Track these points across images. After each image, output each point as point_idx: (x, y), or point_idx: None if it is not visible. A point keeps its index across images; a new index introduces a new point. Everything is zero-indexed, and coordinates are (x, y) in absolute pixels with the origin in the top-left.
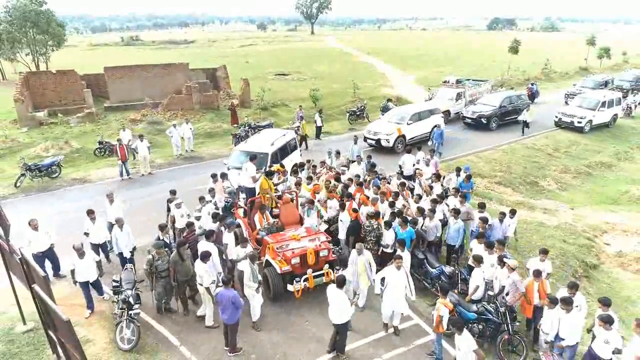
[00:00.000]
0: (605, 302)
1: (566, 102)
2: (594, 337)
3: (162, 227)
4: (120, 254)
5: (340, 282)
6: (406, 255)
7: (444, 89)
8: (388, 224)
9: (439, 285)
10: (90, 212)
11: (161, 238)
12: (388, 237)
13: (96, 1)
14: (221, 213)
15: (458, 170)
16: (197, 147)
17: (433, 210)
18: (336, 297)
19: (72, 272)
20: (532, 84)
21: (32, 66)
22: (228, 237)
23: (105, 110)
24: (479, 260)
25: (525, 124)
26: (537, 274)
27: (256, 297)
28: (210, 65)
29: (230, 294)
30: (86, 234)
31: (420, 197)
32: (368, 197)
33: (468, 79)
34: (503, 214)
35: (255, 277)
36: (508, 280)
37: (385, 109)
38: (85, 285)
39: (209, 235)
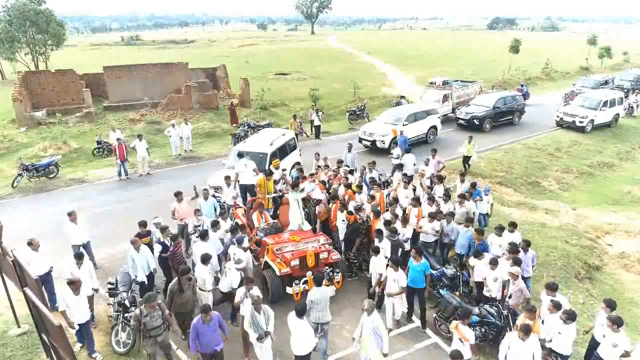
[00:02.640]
0: (610, 305)
1: (566, 102)
2: (594, 344)
3: (164, 229)
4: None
5: (300, 311)
6: (401, 276)
7: (430, 91)
8: (375, 250)
9: (461, 310)
10: (78, 257)
11: (162, 240)
12: (379, 266)
13: (97, 1)
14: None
15: (462, 175)
16: (196, 147)
17: (452, 214)
18: (297, 326)
19: (64, 313)
20: (522, 85)
21: (31, 66)
22: (242, 254)
23: (104, 110)
24: (495, 263)
25: (466, 160)
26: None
27: (262, 347)
28: (210, 65)
29: (208, 332)
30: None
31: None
32: (354, 192)
33: (456, 80)
34: (527, 242)
35: (258, 326)
36: (514, 286)
37: (398, 106)
38: (81, 326)
39: (203, 235)
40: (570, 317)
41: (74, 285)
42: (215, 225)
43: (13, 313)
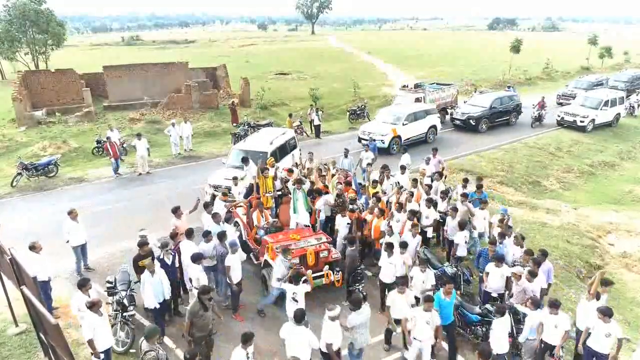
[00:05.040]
0: (605, 282)
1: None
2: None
3: (164, 246)
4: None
5: (298, 317)
6: (435, 316)
7: (402, 94)
8: (405, 284)
9: (480, 350)
10: (83, 284)
11: (161, 257)
12: (405, 307)
13: (97, 1)
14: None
15: (465, 181)
16: (196, 146)
17: (455, 209)
18: (294, 334)
19: (91, 342)
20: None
21: (31, 65)
22: (232, 259)
23: (104, 109)
24: (534, 275)
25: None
26: None
27: None
28: (210, 65)
29: None
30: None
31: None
32: (355, 191)
33: (432, 83)
34: (544, 253)
35: None
36: (517, 287)
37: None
38: (106, 354)
39: (189, 233)
40: (498, 311)
41: (95, 306)
42: (222, 237)
43: (11, 312)
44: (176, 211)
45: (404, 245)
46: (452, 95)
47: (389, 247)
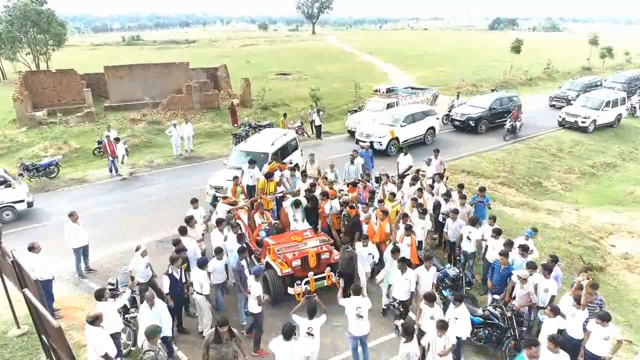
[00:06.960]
0: (594, 286)
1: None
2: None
3: (174, 260)
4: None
5: (287, 333)
6: None
7: (374, 99)
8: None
9: (404, 326)
10: (101, 295)
11: (170, 272)
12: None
13: (98, 1)
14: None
15: (461, 187)
16: (197, 146)
17: (456, 211)
18: (284, 350)
19: (107, 355)
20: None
21: (32, 66)
22: (256, 287)
23: (105, 109)
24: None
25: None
26: None
27: None
28: (211, 65)
29: None
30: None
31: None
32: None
33: (406, 87)
34: (554, 258)
35: None
36: (521, 290)
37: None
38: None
39: (183, 231)
40: (457, 299)
41: (98, 320)
42: (243, 251)
43: (13, 314)
44: (189, 221)
45: (405, 262)
46: (428, 100)
47: (403, 263)
